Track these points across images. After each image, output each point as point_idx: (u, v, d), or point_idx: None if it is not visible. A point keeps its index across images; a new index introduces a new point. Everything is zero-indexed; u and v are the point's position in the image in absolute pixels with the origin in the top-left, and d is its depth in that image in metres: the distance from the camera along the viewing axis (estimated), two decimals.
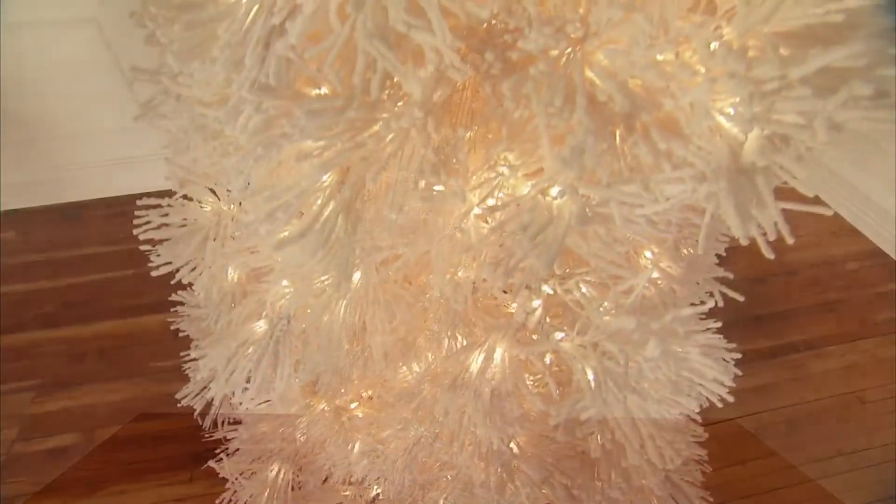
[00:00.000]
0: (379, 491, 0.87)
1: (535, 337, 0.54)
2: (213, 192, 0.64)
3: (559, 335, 0.47)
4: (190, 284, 0.73)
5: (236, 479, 0.90)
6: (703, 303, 0.62)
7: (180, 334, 0.97)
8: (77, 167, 2.15)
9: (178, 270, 0.70)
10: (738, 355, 0.70)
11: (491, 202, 0.42)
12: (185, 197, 0.64)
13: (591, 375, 0.43)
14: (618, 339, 0.42)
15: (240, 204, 0.63)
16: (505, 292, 0.57)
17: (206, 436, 1.11)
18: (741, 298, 0.56)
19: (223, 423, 1.02)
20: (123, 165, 2.14)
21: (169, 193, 0.66)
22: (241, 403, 0.84)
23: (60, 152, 2.10)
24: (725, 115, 0.34)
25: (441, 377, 0.59)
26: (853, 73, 0.31)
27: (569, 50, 0.39)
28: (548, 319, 0.58)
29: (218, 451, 0.97)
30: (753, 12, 0.29)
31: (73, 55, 1.82)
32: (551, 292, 0.50)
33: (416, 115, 0.35)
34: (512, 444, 0.59)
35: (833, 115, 0.31)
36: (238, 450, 0.91)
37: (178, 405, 0.84)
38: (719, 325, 0.68)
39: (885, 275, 1.79)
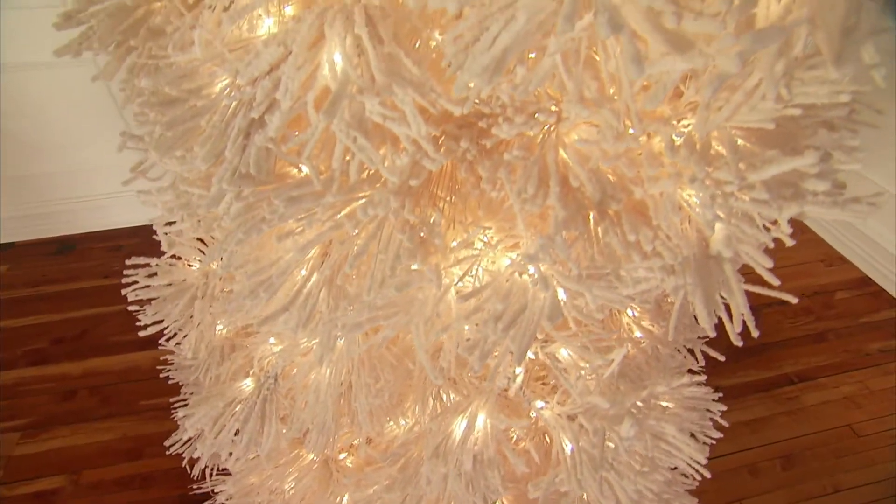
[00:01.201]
0: None
1: (520, 393, 0.54)
2: (202, 251, 0.65)
3: (540, 404, 0.47)
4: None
5: None
6: (684, 357, 0.62)
7: (170, 381, 0.97)
8: (73, 201, 2.16)
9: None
10: (724, 407, 0.70)
11: (470, 278, 0.43)
12: (173, 256, 0.65)
13: (568, 449, 0.44)
14: (593, 414, 0.43)
15: None
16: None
17: (195, 488, 1.10)
18: (722, 358, 0.56)
19: (212, 470, 1.01)
20: (119, 199, 2.15)
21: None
22: (230, 454, 0.84)
23: (57, 186, 2.12)
24: (693, 204, 0.35)
25: (426, 437, 0.59)
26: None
27: (546, 126, 0.40)
28: (539, 369, 0.58)
29: (206, 503, 0.96)
30: (713, 116, 0.31)
31: (71, 93, 1.84)
32: (533, 357, 0.51)
33: (392, 203, 0.36)
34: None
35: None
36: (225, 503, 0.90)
37: (167, 453, 0.84)
38: (704, 378, 0.69)
39: (875, 304, 1.80)
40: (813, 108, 0.35)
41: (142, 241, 2.15)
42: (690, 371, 0.79)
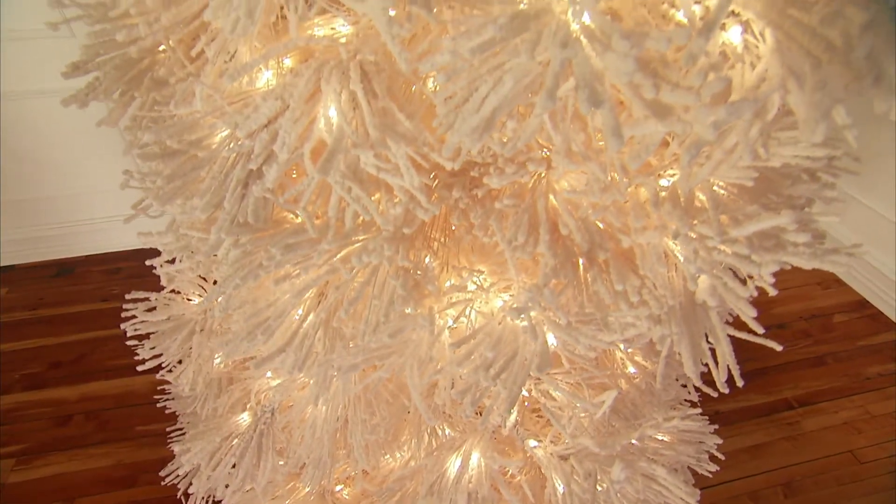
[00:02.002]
0: None
1: (514, 431, 0.54)
2: (202, 286, 0.65)
3: (533, 443, 0.48)
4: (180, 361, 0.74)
5: None
6: (682, 387, 0.62)
7: (167, 411, 0.96)
8: (72, 224, 2.18)
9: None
10: (720, 440, 0.70)
11: (463, 319, 0.44)
12: (172, 290, 0.66)
13: (560, 489, 0.44)
14: (585, 455, 0.43)
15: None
16: None
17: None
18: (715, 394, 0.56)
19: (207, 501, 1.00)
20: (118, 222, 2.16)
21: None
22: (226, 486, 0.83)
23: (57, 210, 2.13)
24: (679, 253, 0.36)
25: (422, 472, 0.59)
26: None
27: (537, 173, 0.42)
28: (534, 401, 0.59)
29: None
30: (695, 171, 0.32)
31: (71, 118, 1.87)
32: (527, 395, 0.51)
33: (386, 251, 0.37)
34: None
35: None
36: None
37: (163, 483, 0.83)
38: (699, 410, 0.69)
39: (873, 326, 1.80)
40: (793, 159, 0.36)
41: (140, 264, 2.16)
42: (689, 401, 0.79)
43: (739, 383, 0.33)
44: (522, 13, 0.28)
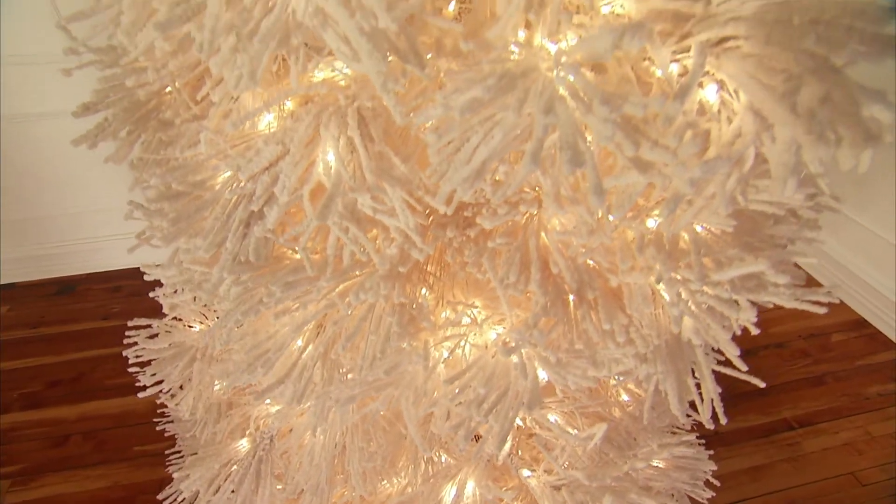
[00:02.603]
0: None
1: (508, 460, 0.55)
2: (203, 314, 0.66)
3: (527, 473, 0.48)
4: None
5: None
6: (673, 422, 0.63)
7: (166, 434, 0.97)
8: (74, 242, 2.20)
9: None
10: (714, 466, 0.71)
11: (458, 351, 0.45)
12: (174, 318, 0.67)
13: None
14: (577, 487, 0.44)
15: None
16: None
17: None
18: (711, 426, 0.57)
19: None
20: (119, 241, 2.18)
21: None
22: None
23: (58, 228, 2.15)
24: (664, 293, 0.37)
25: (418, 500, 0.59)
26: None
27: (529, 211, 0.43)
28: (529, 428, 0.59)
29: None
30: (679, 216, 0.33)
31: (71, 138, 1.90)
32: (521, 424, 0.52)
33: (382, 289, 0.39)
34: None
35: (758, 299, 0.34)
36: None
37: None
38: (694, 435, 0.70)
39: (872, 346, 1.81)
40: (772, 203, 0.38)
41: (141, 282, 2.17)
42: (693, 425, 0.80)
43: (723, 420, 0.34)
44: (510, 72, 0.29)
